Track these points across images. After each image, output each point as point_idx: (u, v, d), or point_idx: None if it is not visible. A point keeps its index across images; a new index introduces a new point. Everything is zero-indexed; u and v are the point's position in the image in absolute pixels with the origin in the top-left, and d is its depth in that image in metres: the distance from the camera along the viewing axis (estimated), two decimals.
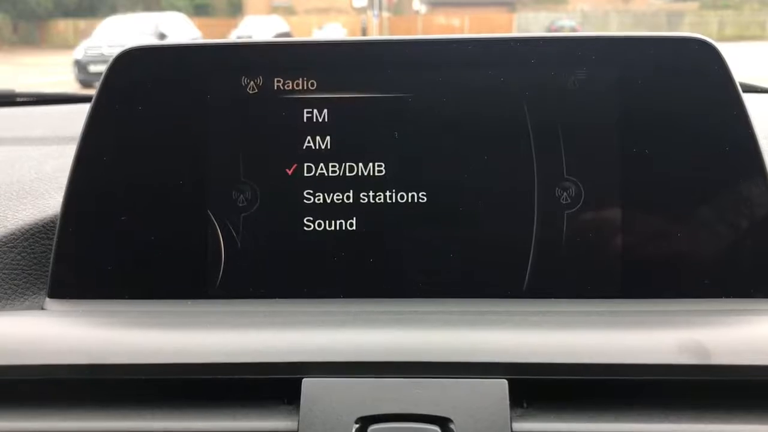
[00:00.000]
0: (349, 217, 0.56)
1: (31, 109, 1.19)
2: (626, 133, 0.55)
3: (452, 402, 0.46)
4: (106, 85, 0.57)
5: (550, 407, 0.47)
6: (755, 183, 0.54)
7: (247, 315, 0.54)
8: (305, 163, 0.56)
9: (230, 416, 0.47)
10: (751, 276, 0.54)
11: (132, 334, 0.50)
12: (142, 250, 0.56)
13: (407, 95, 0.56)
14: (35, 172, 0.74)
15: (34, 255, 0.60)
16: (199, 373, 0.48)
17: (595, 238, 0.55)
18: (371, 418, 0.45)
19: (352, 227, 0.56)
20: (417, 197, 0.56)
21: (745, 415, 0.46)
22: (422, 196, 0.56)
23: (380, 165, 0.56)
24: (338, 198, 0.56)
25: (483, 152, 0.55)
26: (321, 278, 0.56)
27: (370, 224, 0.56)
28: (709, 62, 0.55)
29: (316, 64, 0.57)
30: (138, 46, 0.57)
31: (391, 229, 0.56)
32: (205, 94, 0.56)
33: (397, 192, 0.56)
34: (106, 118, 0.57)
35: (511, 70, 0.55)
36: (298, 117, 0.56)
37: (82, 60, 11.16)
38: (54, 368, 0.48)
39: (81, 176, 0.57)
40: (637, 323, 0.51)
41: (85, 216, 0.57)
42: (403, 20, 27.44)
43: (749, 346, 0.47)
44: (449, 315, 0.53)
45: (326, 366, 0.47)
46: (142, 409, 0.48)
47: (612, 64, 0.55)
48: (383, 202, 0.56)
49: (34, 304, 0.58)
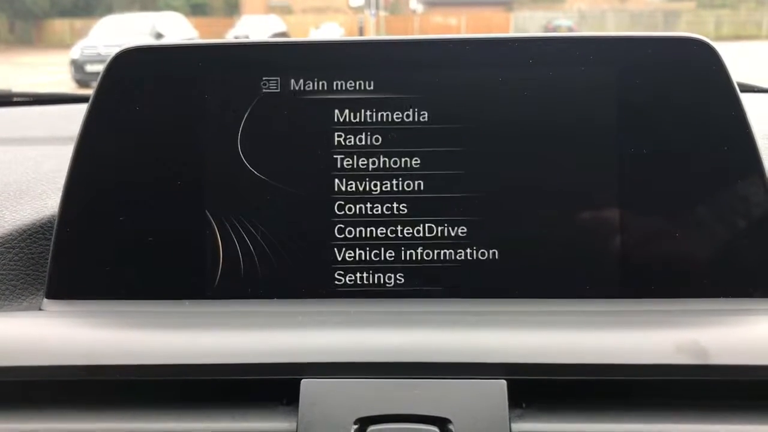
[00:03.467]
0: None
1: (28, 110, 1.19)
2: (624, 133, 0.55)
3: (451, 403, 0.46)
4: (103, 84, 0.57)
5: (549, 408, 0.47)
6: (753, 182, 0.54)
7: (246, 315, 0.53)
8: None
9: (229, 417, 0.47)
10: (751, 276, 0.54)
11: (130, 335, 0.50)
12: (141, 251, 0.56)
13: (413, 96, 0.56)
14: (33, 173, 0.74)
15: (32, 255, 0.60)
16: (197, 374, 0.48)
17: (593, 237, 0.55)
18: (370, 418, 0.45)
19: (349, 227, 0.56)
20: (413, 192, 0.56)
21: (744, 415, 0.46)
22: (421, 192, 0.56)
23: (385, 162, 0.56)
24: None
25: (488, 151, 0.55)
26: (320, 279, 0.56)
27: (368, 226, 0.56)
28: (707, 62, 0.55)
29: (318, 64, 0.56)
30: (135, 46, 0.57)
31: (388, 228, 0.56)
32: (204, 93, 0.56)
33: (395, 191, 0.56)
34: (104, 118, 0.57)
35: (510, 70, 0.55)
36: (299, 117, 0.56)
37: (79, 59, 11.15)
38: (52, 369, 0.48)
39: (78, 176, 0.56)
40: (635, 323, 0.51)
41: (83, 216, 0.57)
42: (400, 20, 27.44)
43: (748, 345, 0.47)
44: (448, 316, 0.53)
45: (325, 367, 0.47)
46: (140, 411, 0.47)
47: (609, 64, 0.55)
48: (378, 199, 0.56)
49: (32, 305, 0.58)
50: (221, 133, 0.56)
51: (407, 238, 0.56)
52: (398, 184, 0.56)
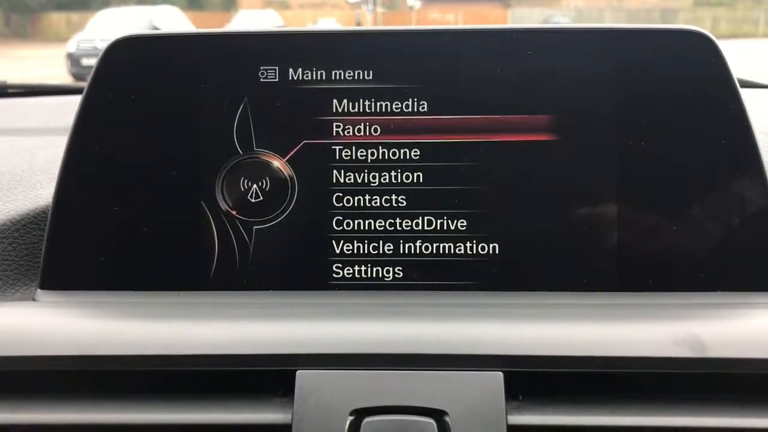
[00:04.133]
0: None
1: (23, 101, 1.18)
2: (623, 126, 0.54)
3: (448, 395, 0.45)
4: (98, 74, 0.56)
5: (546, 400, 0.47)
6: (752, 176, 0.54)
7: (241, 307, 0.53)
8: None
9: (223, 408, 0.47)
10: (748, 269, 0.54)
11: (124, 326, 0.50)
12: (135, 241, 0.56)
13: (411, 86, 0.55)
14: (27, 163, 0.73)
15: (26, 246, 0.60)
16: (191, 365, 0.47)
17: (591, 230, 0.55)
18: (366, 410, 0.45)
19: (348, 219, 0.56)
20: (412, 184, 0.55)
21: (740, 407, 0.46)
22: (420, 184, 0.55)
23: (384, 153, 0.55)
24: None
25: (484, 144, 0.55)
26: (315, 270, 0.55)
27: (367, 218, 0.55)
28: (706, 55, 0.54)
29: (316, 54, 0.56)
30: (130, 35, 0.57)
31: (387, 221, 0.55)
32: (200, 83, 0.56)
33: (393, 183, 0.55)
34: (99, 107, 0.56)
35: (509, 61, 0.55)
36: (296, 107, 0.56)
37: (75, 53, 11.11)
38: (45, 360, 0.48)
39: (73, 166, 0.56)
40: (633, 316, 0.51)
41: (77, 207, 0.56)
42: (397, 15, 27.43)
43: (745, 339, 0.47)
44: (445, 307, 0.52)
45: (321, 358, 0.47)
46: (134, 401, 0.47)
47: (609, 57, 0.55)
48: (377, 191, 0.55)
49: (26, 296, 0.57)
50: (217, 123, 0.56)
51: (406, 231, 0.55)
52: (397, 176, 0.55)
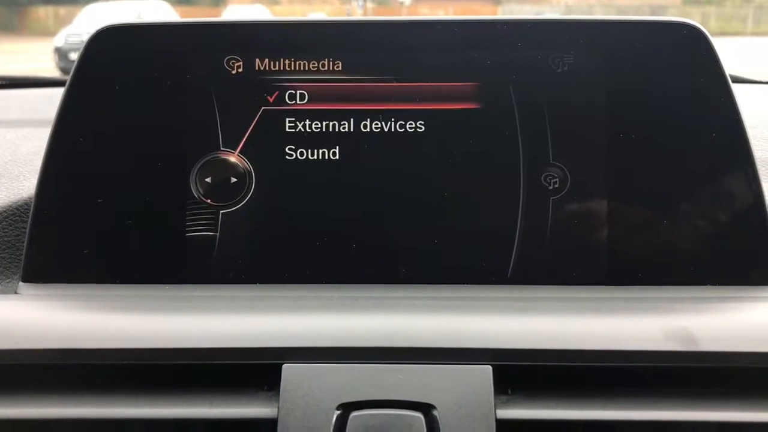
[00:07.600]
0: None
1: (6, 93, 1.17)
2: (613, 118, 0.54)
3: (436, 388, 0.45)
4: (82, 64, 0.55)
5: (535, 394, 0.46)
6: (742, 170, 0.54)
7: (227, 300, 0.52)
8: (287, 146, 0.55)
9: (208, 403, 0.46)
10: (738, 263, 0.54)
11: (108, 319, 0.49)
12: (119, 234, 0.55)
13: (390, 77, 0.55)
14: (10, 154, 0.72)
15: (8, 238, 0.59)
16: (176, 358, 0.46)
17: (581, 224, 0.54)
18: (353, 404, 0.44)
19: (336, 213, 0.55)
20: (398, 183, 0.55)
21: (731, 401, 0.46)
22: (404, 182, 0.55)
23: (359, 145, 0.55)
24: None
25: (467, 136, 0.54)
26: (303, 263, 0.55)
27: (353, 209, 0.55)
28: (697, 47, 0.54)
29: (299, 45, 0.55)
30: (114, 25, 0.56)
31: (374, 214, 0.55)
32: (184, 73, 0.55)
33: (378, 177, 0.55)
34: (82, 98, 0.55)
35: (498, 53, 0.55)
36: (281, 98, 0.55)
37: (63, 47, 11.02)
38: (27, 353, 0.47)
39: (56, 158, 0.55)
40: (623, 310, 0.50)
41: (60, 199, 0.55)
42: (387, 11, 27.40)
43: (735, 332, 0.47)
44: (433, 301, 0.52)
45: (307, 351, 0.46)
46: (117, 395, 0.46)
47: (600, 48, 0.54)
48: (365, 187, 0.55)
49: (8, 289, 0.56)
50: (199, 114, 0.55)
51: (391, 225, 0.55)
52: (377, 171, 0.55)
